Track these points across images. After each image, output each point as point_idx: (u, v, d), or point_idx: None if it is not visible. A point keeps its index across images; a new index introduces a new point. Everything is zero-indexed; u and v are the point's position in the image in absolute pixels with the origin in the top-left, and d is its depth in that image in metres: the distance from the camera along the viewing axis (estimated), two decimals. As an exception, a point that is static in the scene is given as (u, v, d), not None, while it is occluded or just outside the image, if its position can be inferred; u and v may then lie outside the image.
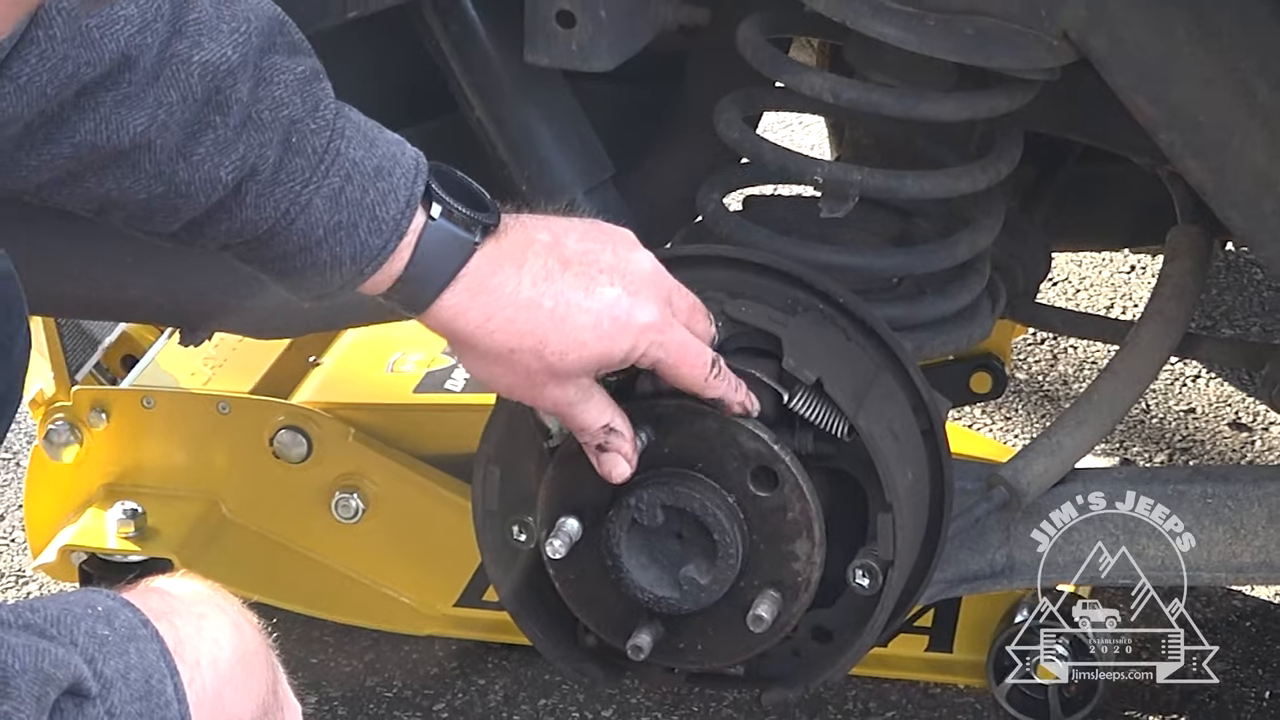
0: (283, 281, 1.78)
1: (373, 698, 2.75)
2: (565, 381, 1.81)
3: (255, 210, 1.70)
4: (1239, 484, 2.27)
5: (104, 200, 1.70)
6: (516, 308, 1.76)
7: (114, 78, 1.64)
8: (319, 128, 1.70)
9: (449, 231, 1.75)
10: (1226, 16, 1.96)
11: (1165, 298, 2.36)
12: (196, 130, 1.67)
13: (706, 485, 1.97)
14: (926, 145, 2.20)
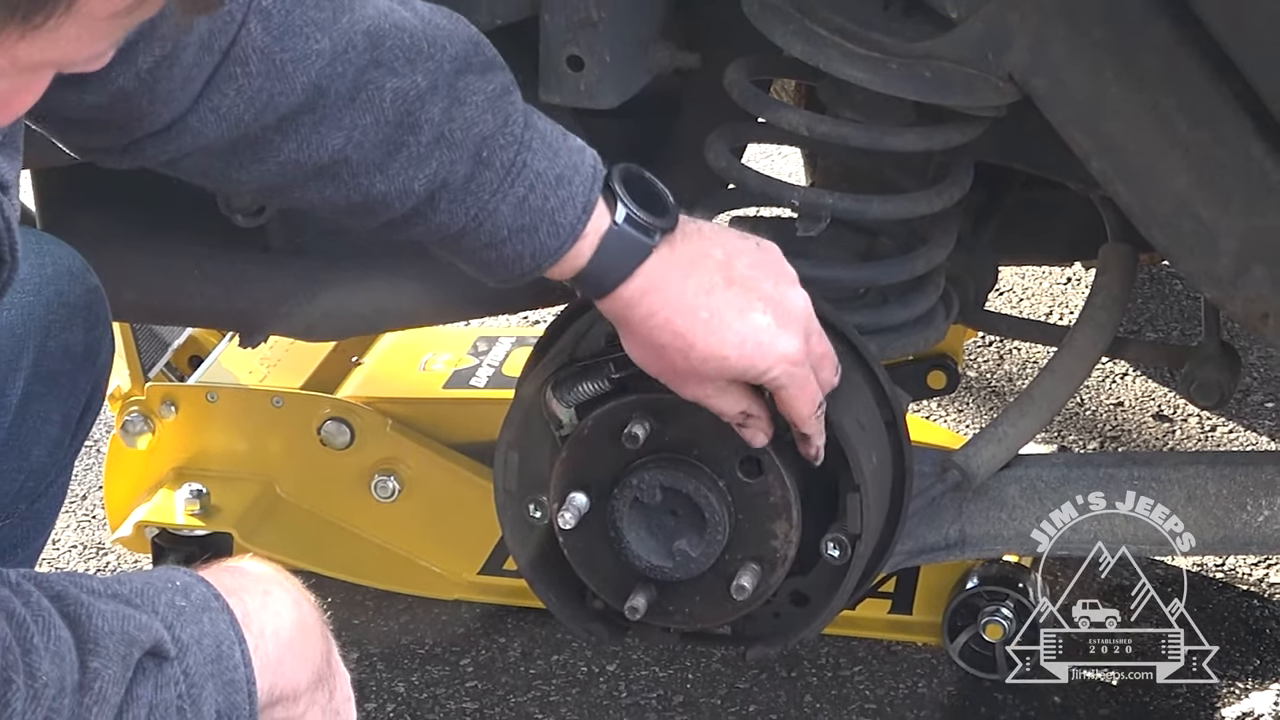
0: (470, 268, 1.77)
1: (407, 654, 2.75)
2: (705, 381, 1.80)
3: (447, 215, 1.69)
4: (1161, 468, 2.27)
5: (308, 205, 1.71)
6: (676, 310, 1.74)
7: (310, 104, 1.63)
8: (507, 142, 1.68)
9: (629, 235, 1.72)
10: (1150, 61, 1.95)
11: (1097, 306, 2.36)
12: (391, 149, 1.66)
13: (700, 470, 1.97)
14: (889, 173, 2.19)
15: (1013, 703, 2.64)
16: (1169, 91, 1.96)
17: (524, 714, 2.65)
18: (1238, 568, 2.88)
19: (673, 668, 2.71)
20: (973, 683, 2.65)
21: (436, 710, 2.66)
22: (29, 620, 1.27)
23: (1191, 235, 2.02)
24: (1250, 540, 2.26)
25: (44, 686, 1.25)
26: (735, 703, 2.66)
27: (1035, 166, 2.24)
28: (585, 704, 2.67)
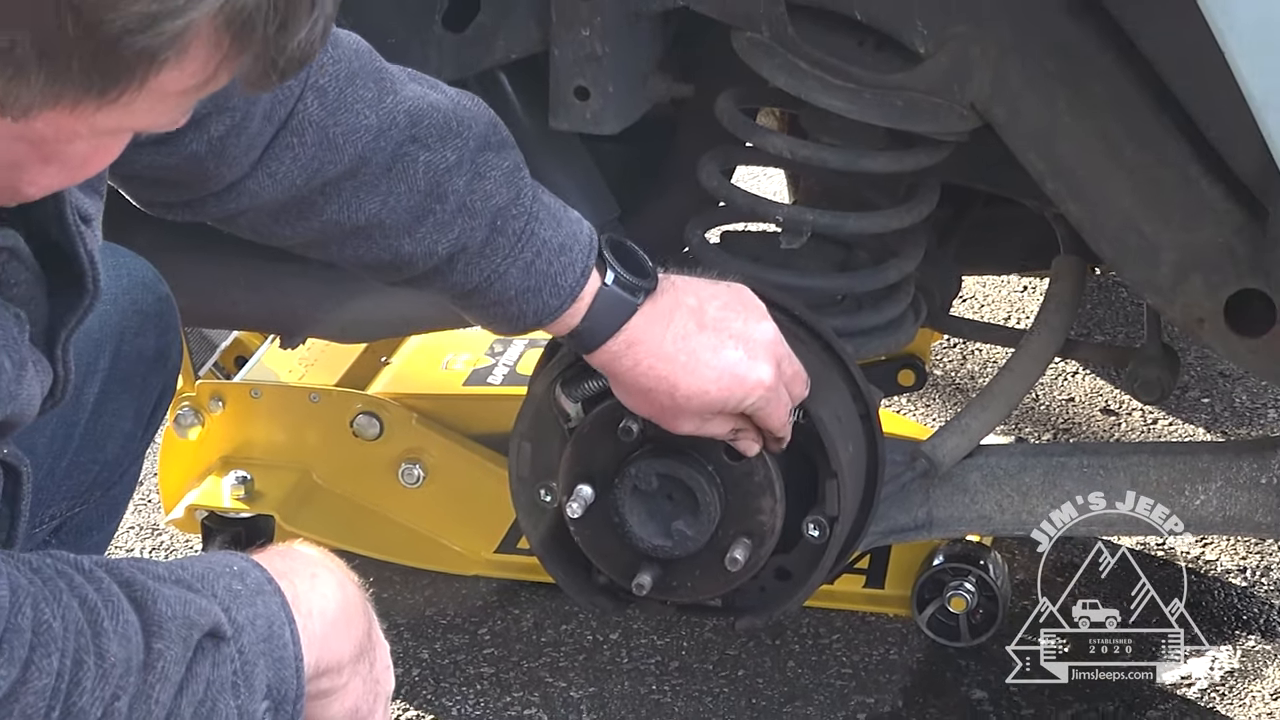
0: (478, 320, 1.81)
1: (430, 624, 2.75)
2: (692, 416, 1.81)
3: (463, 275, 1.72)
4: (1108, 457, 2.27)
5: (343, 261, 1.74)
6: (658, 358, 1.77)
7: (353, 172, 1.65)
8: (519, 213, 1.71)
9: (617, 295, 1.76)
10: (1099, 91, 1.95)
11: (1051, 311, 2.35)
12: (420, 215, 1.68)
13: (690, 457, 1.97)
14: (864, 192, 2.19)
15: (974, 668, 2.63)
16: (1116, 118, 1.96)
17: (536, 678, 2.65)
18: (1176, 546, 2.87)
19: (669, 636, 2.71)
20: (938, 650, 2.65)
21: (457, 675, 2.66)
22: (100, 605, 1.27)
23: (1135, 248, 2.02)
24: (1188, 521, 2.25)
25: (112, 666, 1.25)
26: (725, 668, 2.66)
27: (995, 186, 2.24)
28: (590, 669, 2.66)
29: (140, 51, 1.07)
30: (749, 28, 2.03)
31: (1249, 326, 2.03)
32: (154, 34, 1.06)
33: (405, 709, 2.58)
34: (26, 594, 1.23)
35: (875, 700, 2.59)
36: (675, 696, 2.61)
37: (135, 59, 1.07)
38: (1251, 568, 2.83)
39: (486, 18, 2.09)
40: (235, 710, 1.34)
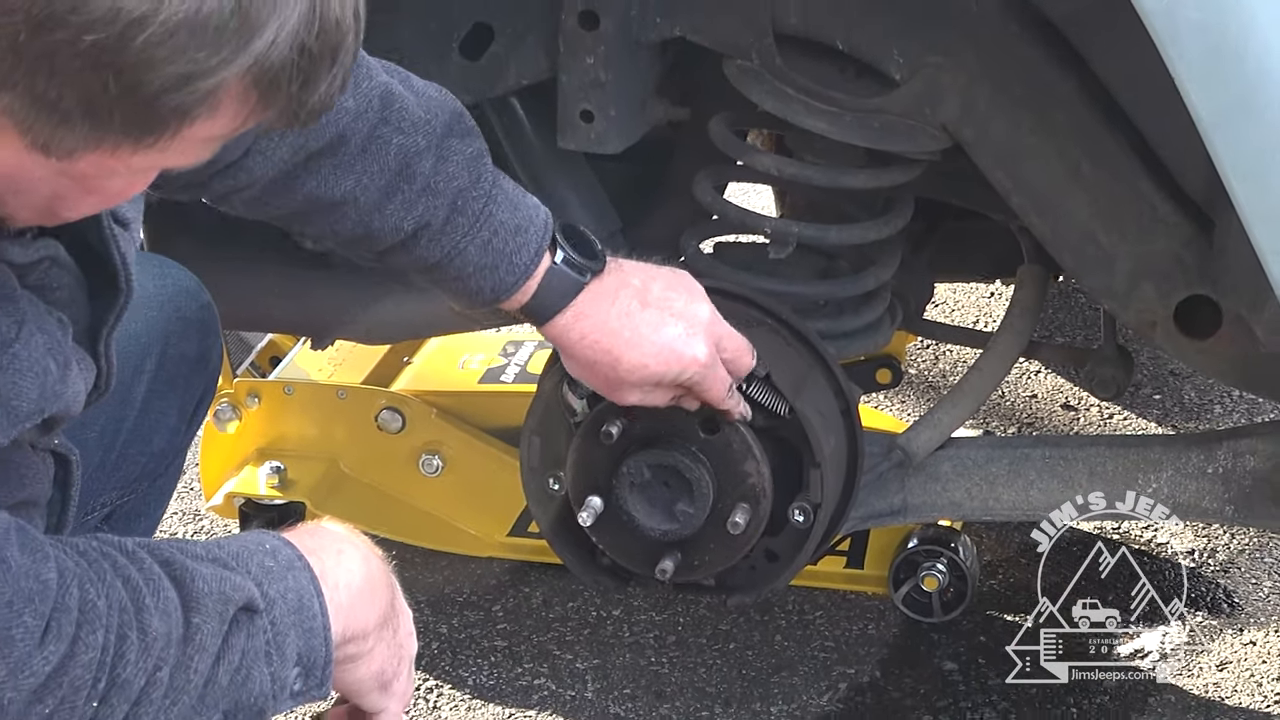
0: (444, 294, 1.81)
1: (449, 602, 2.76)
2: (635, 388, 1.81)
3: (426, 250, 1.72)
4: (1068, 448, 2.27)
5: (320, 233, 1.74)
6: (603, 333, 1.77)
7: (332, 150, 1.66)
8: (478, 195, 1.72)
9: (566, 274, 1.76)
10: (1060, 114, 1.96)
11: (1015, 315, 2.36)
12: (389, 192, 1.69)
13: (672, 442, 1.98)
14: (845, 206, 2.19)
15: (945, 642, 2.64)
16: (1075, 139, 1.96)
17: (545, 651, 2.65)
18: (1131, 530, 2.87)
19: (667, 613, 2.71)
20: (913, 625, 2.65)
21: (472, 648, 2.66)
22: (141, 584, 1.28)
23: (1093, 258, 2.02)
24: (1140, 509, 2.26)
25: (154, 640, 1.26)
26: (718, 641, 2.66)
27: (964, 201, 2.25)
28: (595, 642, 2.67)
29: (175, 108, 1.09)
30: (740, 56, 2.03)
31: (1197, 329, 2.03)
32: (188, 92, 1.08)
33: (425, 679, 2.59)
34: (73, 575, 1.24)
35: (855, 671, 2.59)
36: (672, 667, 2.61)
37: (170, 113, 1.10)
38: (1199, 550, 2.83)
39: (500, 47, 2.09)
40: (269, 677, 1.35)
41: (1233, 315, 1.99)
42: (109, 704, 1.23)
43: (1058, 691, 2.53)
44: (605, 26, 2.02)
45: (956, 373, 3.29)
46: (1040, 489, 2.26)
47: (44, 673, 1.20)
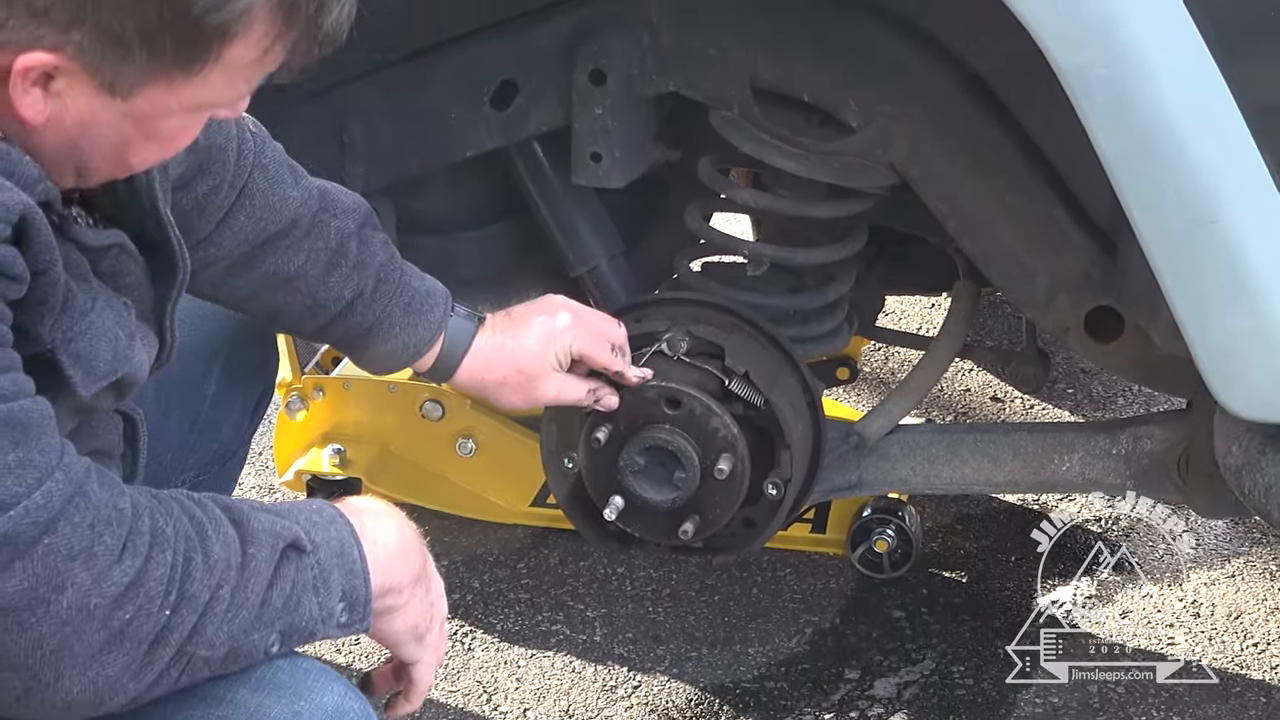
0: (370, 360, 1.80)
1: (480, 561, 2.75)
2: (541, 379, 1.81)
3: (361, 316, 1.73)
4: (996, 434, 2.27)
5: (274, 309, 1.72)
6: (495, 351, 1.79)
7: (285, 232, 1.68)
8: (395, 268, 1.75)
9: (462, 324, 1.79)
10: (989, 156, 1.96)
11: (952, 322, 2.36)
12: (330, 267, 1.71)
13: (650, 427, 1.97)
14: (810, 232, 2.19)
15: (893, 593, 2.63)
16: (1001, 175, 1.97)
17: (560, 602, 2.65)
18: (1049, 501, 2.87)
19: (662, 570, 2.71)
20: (867, 580, 2.65)
21: (500, 600, 2.65)
22: (204, 519, 1.29)
23: (1016, 274, 2.02)
24: (1057, 483, 2.27)
25: (216, 563, 1.26)
26: (705, 593, 2.66)
27: (909, 227, 2.24)
28: (603, 595, 2.66)
29: (216, 26, 1.16)
30: (724, 108, 2.03)
31: (1103, 334, 2.04)
32: (227, 11, 1.15)
33: (460, 626, 2.58)
34: (145, 508, 1.25)
35: (819, 618, 2.59)
36: (666, 615, 2.61)
37: (213, 33, 1.16)
38: (1104, 518, 2.83)
39: (523, 100, 2.09)
40: (317, 605, 1.34)
41: (1133, 323, 1.99)
42: (179, 614, 1.23)
43: (985, 634, 2.53)
44: (611, 83, 2.02)
45: (903, 371, 3.29)
46: (973, 467, 2.27)
47: (123, 583, 1.20)
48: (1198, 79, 1.62)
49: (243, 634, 1.28)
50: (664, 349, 2.00)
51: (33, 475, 1.17)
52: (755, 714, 2.38)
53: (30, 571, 1.16)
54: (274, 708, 1.29)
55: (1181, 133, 1.62)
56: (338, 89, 2.10)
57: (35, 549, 1.16)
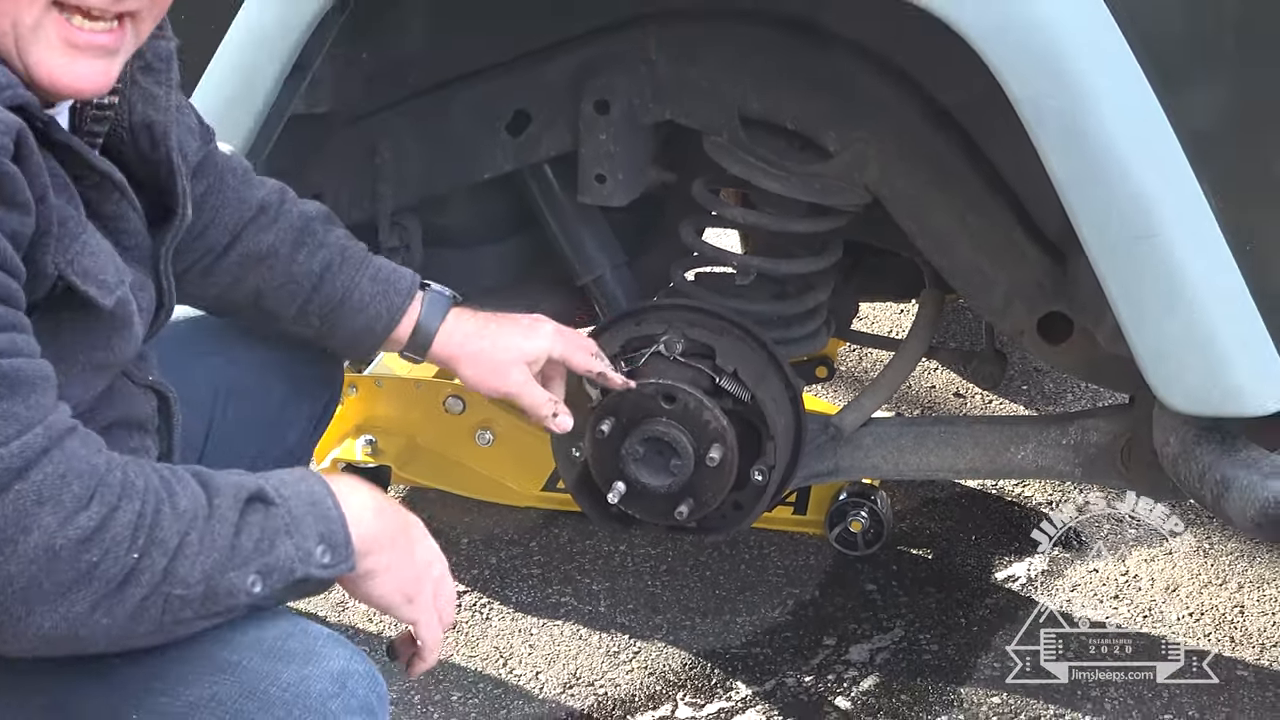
0: (345, 342, 1.73)
1: (497, 539, 2.75)
2: (512, 366, 1.73)
3: (331, 288, 1.68)
4: (958, 426, 2.28)
5: (256, 291, 1.68)
6: (479, 329, 1.73)
7: (255, 217, 1.66)
8: (357, 248, 1.72)
9: (438, 295, 1.73)
10: (954, 180, 1.97)
11: (919, 326, 2.36)
12: (298, 245, 1.68)
13: (648, 421, 1.98)
14: (792, 245, 2.20)
15: (867, 569, 2.64)
16: (963, 195, 1.98)
17: (569, 577, 2.65)
18: (1005, 486, 2.88)
19: (660, 548, 2.71)
20: (843, 557, 2.65)
21: (515, 574, 2.66)
22: (172, 477, 1.25)
23: (977, 284, 2.03)
24: (1013, 470, 2.27)
25: (183, 512, 1.23)
26: (698, 568, 2.66)
27: (881, 241, 2.25)
28: (607, 570, 2.67)
29: None
30: (715, 134, 2.04)
31: (1054, 337, 2.04)
32: None
33: (479, 598, 2.58)
34: (118, 464, 1.22)
35: (800, 591, 2.60)
36: (663, 589, 2.61)
37: None
38: (1055, 501, 2.84)
39: (536, 128, 2.09)
40: (293, 547, 1.27)
41: (1081, 327, 2.00)
42: (149, 556, 1.20)
43: (949, 604, 2.54)
44: (614, 112, 2.03)
45: (875, 369, 3.29)
46: (937, 455, 2.27)
47: (88, 528, 1.17)
48: (1139, 109, 1.62)
49: (217, 573, 1.22)
50: (661, 349, 2.01)
51: (13, 427, 1.15)
52: (743, 676, 2.39)
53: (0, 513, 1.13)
54: (284, 673, 1.24)
55: (1124, 157, 1.63)
56: (370, 117, 2.11)
57: (5, 494, 1.13)
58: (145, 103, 1.38)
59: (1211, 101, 1.64)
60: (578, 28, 2.02)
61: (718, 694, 2.35)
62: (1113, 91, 1.61)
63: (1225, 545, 2.68)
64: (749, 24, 1.95)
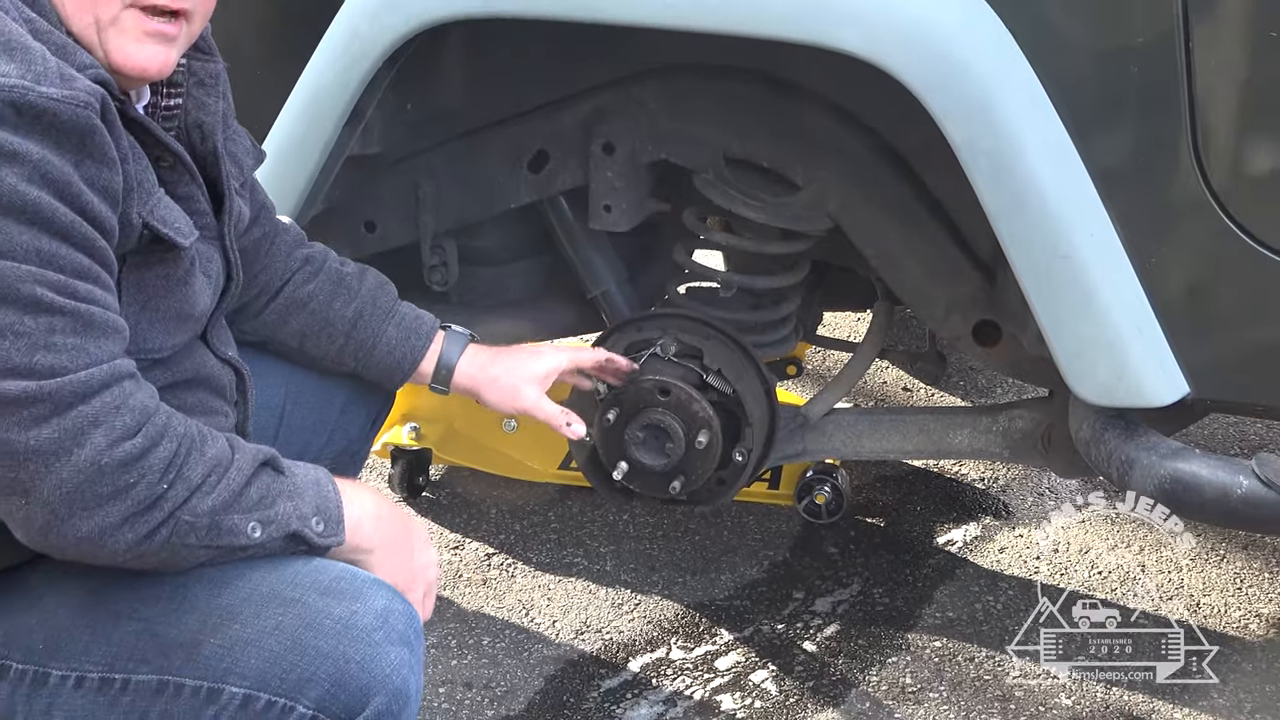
0: (379, 374, 1.69)
1: (520, 509, 2.74)
2: (525, 386, 1.71)
3: (362, 334, 1.67)
4: (906, 416, 2.28)
5: (301, 332, 1.67)
6: (490, 356, 1.72)
7: (302, 268, 1.66)
8: (387, 296, 1.70)
9: (457, 334, 1.72)
10: (901, 208, 1.97)
11: (873, 332, 2.36)
12: (334, 295, 1.67)
13: (647, 410, 1.97)
14: (767, 264, 2.20)
15: (829, 535, 2.63)
16: (911, 223, 1.97)
17: (580, 540, 2.64)
18: (944, 465, 2.88)
19: (657, 516, 2.71)
20: (809, 525, 2.65)
21: (535, 539, 2.65)
22: (207, 433, 1.27)
23: (921, 297, 2.03)
24: (951, 452, 2.27)
25: (210, 458, 1.25)
26: (689, 534, 2.66)
27: (841, 260, 2.25)
28: (612, 535, 2.66)
29: None
30: (702, 171, 2.04)
31: (986, 341, 2.04)
32: None
33: (506, 558, 2.58)
34: (166, 412, 1.24)
35: (774, 552, 2.60)
36: (659, 551, 2.61)
37: None
38: (987, 478, 2.84)
39: (553, 166, 2.09)
40: (291, 508, 1.29)
41: (1008, 332, 2.00)
42: (175, 488, 1.22)
43: (898, 564, 2.54)
44: (619, 153, 2.03)
45: (836, 368, 3.29)
46: (889, 440, 2.27)
47: (132, 453, 1.19)
48: (1057, 150, 1.63)
49: (223, 512, 1.24)
50: (658, 351, 2.02)
51: (83, 359, 1.16)
52: (726, 624, 2.39)
53: (60, 426, 1.15)
54: (336, 608, 1.25)
55: (1045, 191, 1.63)
56: (414, 157, 2.11)
57: (69, 411, 1.15)
58: (198, 109, 1.41)
59: (1117, 144, 1.64)
60: (588, 82, 2.02)
61: (705, 639, 2.35)
62: (1035, 135, 1.62)
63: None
64: (730, 80, 1.95)
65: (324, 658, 1.22)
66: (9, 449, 1.14)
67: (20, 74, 1.13)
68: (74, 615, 1.27)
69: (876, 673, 2.25)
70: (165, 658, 1.24)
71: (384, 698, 1.22)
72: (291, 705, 1.22)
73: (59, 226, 1.15)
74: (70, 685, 1.25)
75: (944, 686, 2.21)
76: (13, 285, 1.12)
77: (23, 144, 1.12)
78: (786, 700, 2.19)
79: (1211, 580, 2.45)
